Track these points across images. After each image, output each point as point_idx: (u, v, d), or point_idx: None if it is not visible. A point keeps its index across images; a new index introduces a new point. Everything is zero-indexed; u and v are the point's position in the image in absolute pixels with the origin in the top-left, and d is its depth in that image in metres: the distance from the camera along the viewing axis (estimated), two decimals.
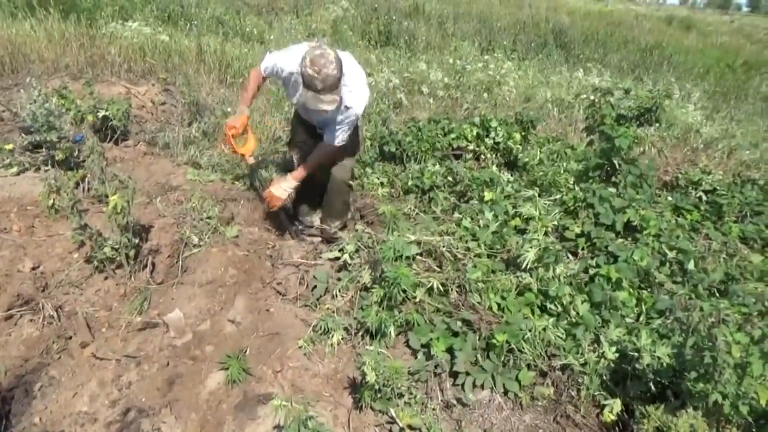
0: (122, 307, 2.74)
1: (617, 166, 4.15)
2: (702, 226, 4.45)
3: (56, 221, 3.23)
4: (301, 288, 2.95)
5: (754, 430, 2.23)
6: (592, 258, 3.48)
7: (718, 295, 3.35)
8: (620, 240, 3.63)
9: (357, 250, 3.09)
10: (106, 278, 2.88)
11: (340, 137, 3.29)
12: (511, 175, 5.20)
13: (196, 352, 2.47)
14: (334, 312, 2.75)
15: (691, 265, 3.44)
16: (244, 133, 3.50)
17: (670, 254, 3.57)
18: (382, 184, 4.84)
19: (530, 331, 2.61)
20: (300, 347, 2.53)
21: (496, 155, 5.49)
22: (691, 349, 2.14)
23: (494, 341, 2.47)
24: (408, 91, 7.65)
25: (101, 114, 4.28)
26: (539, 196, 4.46)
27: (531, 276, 2.99)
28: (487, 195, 3.93)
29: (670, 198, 4.95)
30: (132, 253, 2.89)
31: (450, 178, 4.65)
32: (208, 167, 4.46)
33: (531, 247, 3.05)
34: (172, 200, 3.58)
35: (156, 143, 4.72)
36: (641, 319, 2.95)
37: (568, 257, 3.37)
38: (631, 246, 3.55)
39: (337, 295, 2.86)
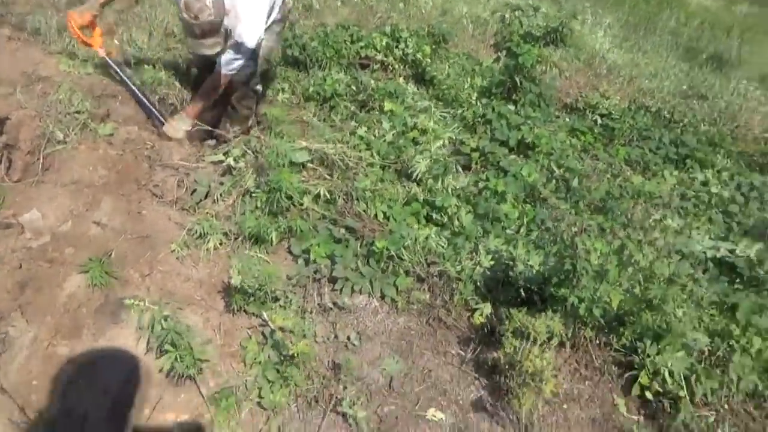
0: None
1: (519, 84, 4.17)
2: (593, 147, 4.64)
3: None
4: (179, 191, 2.79)
5: (606, 330, 2.43)
6: (484, 172, 3.55)
7: (597, 211, 3.54)
8: (513, 156, 3.71)
9: (243, 155, 2.95)
10: None
11: (234, 65, 3.08)
12: (418, 88, 5.14)
13: (54, 254, 2.30)
14: (213, 216, 2.64)
15: (575, 183, 3.59)
16: (90, 27, 3.20)
17: (558, 171, 3.70)
18: (282, 90, 4.62)
19: (412, 239, 2.64)
20: (173, 251, 2.43)
21: (405, 67, 5.36)
22: (555, 256, 2.25)
23: (375, 248, 2.47)
24: None
25: None
26: (445, 110, 4.47)
27: (420, 186, 3.00)
28: (387, 105, 3.85)
29: (568, 119, 5.09)
30: None
31: (354, 87, 4.50)
32: (87, 59, 4.05)
33: (422, 159, 3.04)
34: (38, 92, 3.22)
35: (24, 28, 4.20)
36: (522, 231, 3.06)
37: (458, 170, 3.40)
38: (522, 162, 3.65)
39: (218, 200, 2.74)
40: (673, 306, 2.14)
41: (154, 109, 3.41)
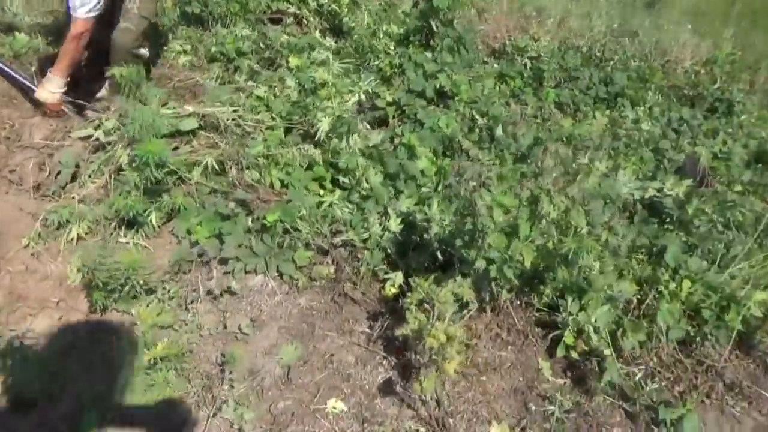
0: None
1: (435, 30, 3.86)
2: (523, 92, 4.40)
3: None
4: (42, 175, 2.41)
5: (526, 290, 2.22)
6: (400, 127, 3.27)
7: (522, 160, 3.32)
8: (433, 107, 3.42)
9: (118, 127, 2.57)
10: None
11: (87, 6, 2.60)
12: (336, 42, 4.77)
13: None
14: (80, 201, 2.28)
15: (499, 131, 3.35)
16: None
17: (481, 120, 3.44)
18: (184, 51, 4.17)
19: (311, 207, 2.35)
20: (26, 246, 2.07)
21: (320, 20, 4.96)
22: (455, 216, 2.00)
23: (266, 222, 2.18)
24: None
25: None
26: (360, 63, 4.12)
27: (322, 148, 2.70)
28: (293, 61, 3.48)
29: (496, 65, 4.83)
30: None
31: (261, 45, 4.10)
32: None
33: (325, 117, 2.72)
34: None
35: None
36: (440, 188, 2.81)
37: (369, 127, 3.11)
38: (441, 113, 3.37)
39: (86, 182, 2.38)
40: (589, 258, 1.93)
41: (20, 77, 2.97)
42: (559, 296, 2.13)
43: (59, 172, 2.41)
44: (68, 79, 2.77)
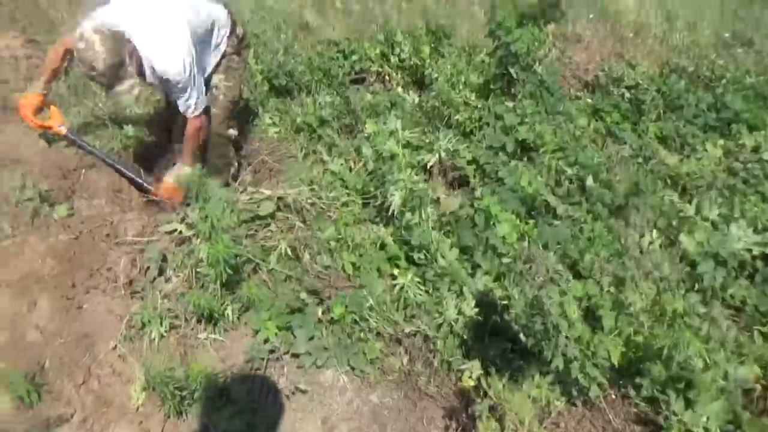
0: None
1: (515, 76, 3.68)
2: (620, 129, 4.06)
3: None
4: (134, 271, 2.55)
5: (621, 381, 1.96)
6: (482, 186, 3.12)
7: (618, 213, 3.01)
8: (515, 163, 3.23)
9: (196, 223, 2.66)
10: None
11: (192, 103, 2.81)
12: (419, 95, 4.73)
13: None
14: (163, 297, 2.37)
15: (590, 181, 3.08)
16: (43, 109, 3.01)
17: (570, 171, 3.19)
18: (273, 123, 4.34)
19: (382, 292, 2.27)
20: (114, 348, 2.17)
21: (403, 74, 4.95)
22: (523, 312, 1.81)
23: (333, 315, 2.12)
24: (318, 10, 6.94)
25: None
26: (441, 117, 4.03)
27: (394, 225, 2.62)
28: (369, 126, 3.46)
29: (589, 100, 4.52)
30: None
31: (343, 110, 4.15)
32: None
33: (397, 190, 2.65)
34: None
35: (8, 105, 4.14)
36: (523, 256, 2.61)
37: (446, 191, 2.99)
38: (527, 167, 3.18)
39: (171, 276, 2.48)
40: (690, 351, 1.65)
41: (134, 176, 3.22)
42: (660, 391, 1.85)
43: (148, 268, 2.53)
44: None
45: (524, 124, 3.27)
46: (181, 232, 2.61)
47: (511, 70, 3.65)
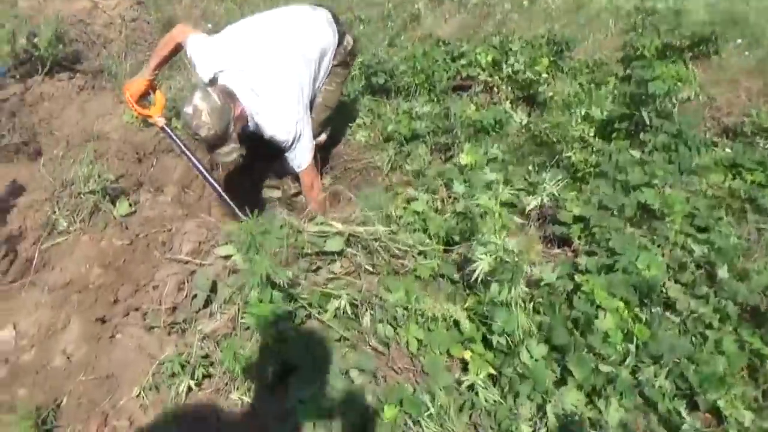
0: None
1: (648, 121, 3.09)
2: (763, 194, 3.36)
3: None
4: (180, 296, 2.29)
5: None
6: (587, 252, 2.62)
7: (758, 319, 2.42)
8: (632, 231, 2.69)
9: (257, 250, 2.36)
10: None
11: (299, 160, 2.77)
12: (528, 115, 4.20)
13: (3, 397, 1.91)
14: (203, 337, 2.09)
15: (723, 272, 2.49)
16: (149, 94, 2.85)
17: (699, 251, 2.61)
18: (363, 125, 3.98)
19: (447, 387, 1.87)
20: (137, 396, 1.92)
21: (513, 87, 4.42)
22: None
23: (382, 418, 1.75)
24: None
25: (22, 42, 3.59)
26: (550, 150, 3.51)
27: (477, 292, 2.19)
28: (466, 156, 3.01)
29: (728, 150, 3.81)
30: None
31: (440, 124, 3.70)
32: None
33: (485, 254, 2.20)
34: (81, 157, 2.92)
35: (99, 75, 4.04)
36: (628, 361, 2.11)
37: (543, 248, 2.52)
38: (647, 239, 2.63)
39: (216, 312, 2.19)
40: None
41: (223, 196, 3.01)
42: None
43: (195, 296, 2.26)
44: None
45: (651, 186, 2.70)
46: (236, 261, 2.32)
47: (644, 113, 3.06)
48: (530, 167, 3.15)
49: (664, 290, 2.41)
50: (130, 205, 2.61)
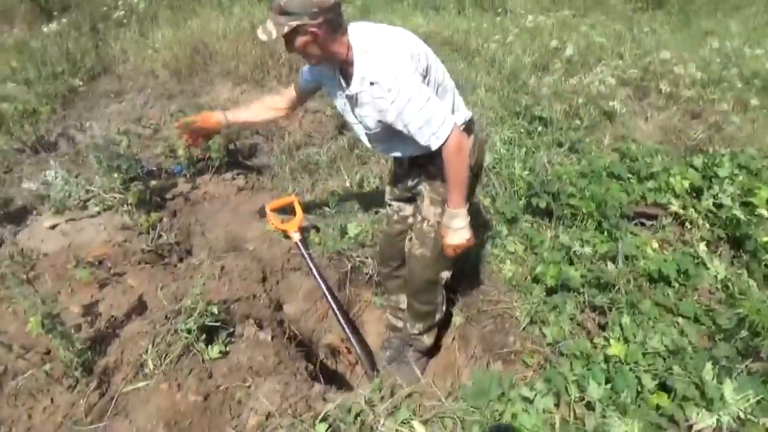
0: None
1: None
2: None
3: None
4: None
5: None
6: None
7: None
8: None
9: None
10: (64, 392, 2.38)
11: (423, 127, 2.16)
12: (731, 263, 3.29)
13: None
14: None
15: None
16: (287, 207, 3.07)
17: None
18: (512, 256, 3.45)
19: None
20: None
21: (713, 226, 3.51)
22: None
23: None
24: (636, 92, 5.62)
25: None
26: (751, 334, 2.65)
27: None
28: (615, 346, 2.33)
29: None
30: (79, 371, 2.35)
31: (601, 272, 3.02)
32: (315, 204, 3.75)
33: None
34: (219, 270, 2.96)
35: (261, 173, 4.16)
36: None
37: None
38: None
39: None
40: None
41: (350, 335, 2.92)
42: None
43: None
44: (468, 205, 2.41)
45: None
46: None
47: None
48: (709, 363, 2.34)
49: None
50: (225, 345, 2.47)
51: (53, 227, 3.39)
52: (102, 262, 3.09)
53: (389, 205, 2.96)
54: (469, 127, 2.57)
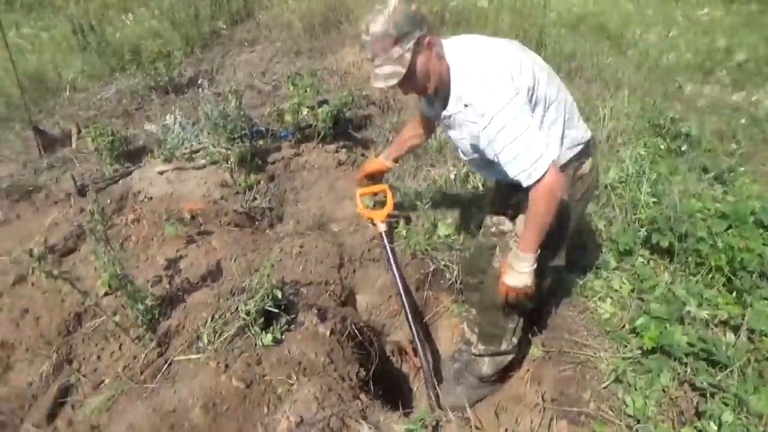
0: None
1: None
2: None
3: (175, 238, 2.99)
4: None
5: None
6: None
7: None
8: None
9: None
10: (131, 343, 2.47)
11: (513, 161, 1.91)
12: None
13: None
14: None
15: None
16: (379, 194, 2.98)
17: None
18: (615, 294, 3.03)
19: None
20: None
21: None
22: None
23: None
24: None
25: (304, 112, 3.75)
26: None
27: None
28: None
29: None
30: (143, 327, 2.42)
31: (711, 346, 2.53)
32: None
33: None
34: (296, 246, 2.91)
35: (373, 147, 4.01)
36: None
37: None
38: None
39: None
40: None
41: (421, 354, 2.68)
42: None
43: None
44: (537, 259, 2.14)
45: None
46: None
47: None
48: None
49: None
50: (281, 332, 2.40)
51: (161, 173, 3.51)
52: (195, 217, 3.15)
53: (489, 216, 2.69)
54: (586, 149, 2.24)
